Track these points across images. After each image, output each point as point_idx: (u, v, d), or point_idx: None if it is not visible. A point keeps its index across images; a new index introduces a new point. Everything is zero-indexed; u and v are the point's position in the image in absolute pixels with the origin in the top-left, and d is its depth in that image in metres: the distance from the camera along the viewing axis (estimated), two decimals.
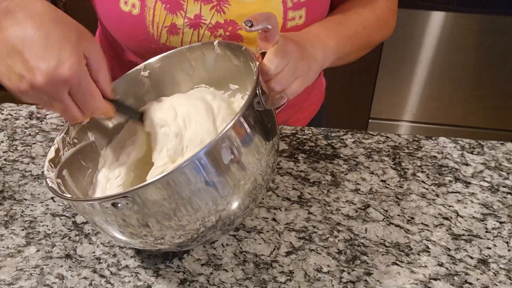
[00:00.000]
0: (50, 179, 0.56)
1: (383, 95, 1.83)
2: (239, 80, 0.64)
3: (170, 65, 0.66)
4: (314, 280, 0.59)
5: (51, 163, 0.58)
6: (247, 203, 0.54)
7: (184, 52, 0.64)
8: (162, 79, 0.66)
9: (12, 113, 0.86)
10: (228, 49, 0.62)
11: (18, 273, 0.60)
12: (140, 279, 0.59)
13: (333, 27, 0.71)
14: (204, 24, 0.70)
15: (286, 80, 0.58)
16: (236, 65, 0.62)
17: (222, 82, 0.66)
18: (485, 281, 0.59)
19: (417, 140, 0.80)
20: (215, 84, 0.66)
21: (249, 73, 0.60)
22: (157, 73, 0.66)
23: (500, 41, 1.64)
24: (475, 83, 1.75)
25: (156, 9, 0.69)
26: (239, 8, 0.69)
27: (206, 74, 0.66)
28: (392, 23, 0.80)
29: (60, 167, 0.59)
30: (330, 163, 0.75)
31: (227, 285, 0.59)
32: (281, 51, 0.57)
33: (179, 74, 0.66)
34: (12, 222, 0.67)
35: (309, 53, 0.62)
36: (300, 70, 0.59)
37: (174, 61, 0.65)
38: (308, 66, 0.61)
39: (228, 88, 0.66)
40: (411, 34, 1.66)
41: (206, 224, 0.52)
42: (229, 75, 0.65)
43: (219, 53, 0.62)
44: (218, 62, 0.64)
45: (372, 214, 0.67)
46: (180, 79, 0.67)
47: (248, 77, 0.62)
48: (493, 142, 0.80)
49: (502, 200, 0.70)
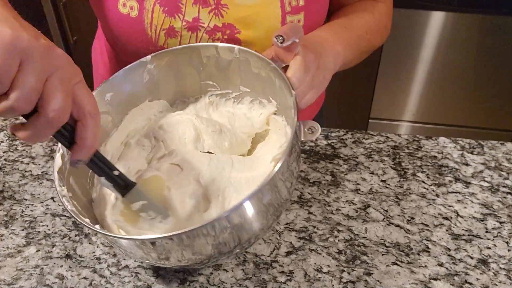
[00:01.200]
0: (65, 198, 0.53)
1: (383, 95, 1.83)
2: (250, 85, 0.65)
3: (179, 58, 0.65)
4: (314, 280, 0.59)
5: (60, 175, 0.55)
6: (271, 222, 0.55)
7: (197, 48, 0.64)
8: (167, 73, 0.66)
9: None
10: (250, 58, 0.61)
11: (18, 273, 0.60)
12: (140, 279, 0.59)
13: (339, 32, 0.71)
14: (202, 27, 0.70)
15: (304, 92, 0.58)
16: (255, 73, 0.62)
17: (232, 82, 0.66)
18: (485, 281, 0.59)
19: (417, 140, 0.80)
20: (224, 83, 0.66)
21: (267, 81, 0.60)
22: (163, 65, 0.65)
23: (500, 41, 1.63)
24: (475, 83, 1.75)
25: (155, 12, 0.69)
26: (237, 12, 0.69)
27: (216, 72, 0.66)
28: (389, 27, 0.81)
29: (67, 176, 0.57)
30: (330, 163, 0.75)
31: (227, 285, 0.59)
32: (304, 65, 0.56)
33: (187, 68, 0.66)
34: (12, 222, 0.67)
35: (324, 63, 0.62)
36: (316, 81, 0.60)
37: (184, 54, 0.65)
38: (323, 76, 0.62)
39: (237, 89, 0.66)
40: (411, 34, 1.66)
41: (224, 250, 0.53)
42: (241, 79, 0.65)
43: (238, 57, 0.62)
44: (234, 64, 0.64)
45: (372, 214, 0.67)
46: (187, 73, 0.66)
47: (264, 83, 0.62)
48: (493, 142, 0.80)
49: (502, 200, 0.70)
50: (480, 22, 1.61)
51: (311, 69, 0.58)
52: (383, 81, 1.79)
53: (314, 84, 0.59)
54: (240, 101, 0.68)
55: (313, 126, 0.55)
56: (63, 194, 0.54)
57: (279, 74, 0.57)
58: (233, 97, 0.68)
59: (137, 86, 0.66)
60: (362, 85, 1.81)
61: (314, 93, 0.60)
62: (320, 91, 0.62)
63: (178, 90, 0.69)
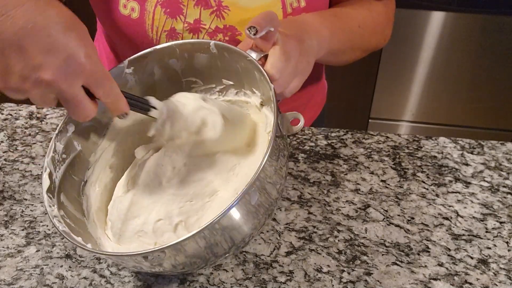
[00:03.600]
0: (57, 218, 0.53)
1: (383, 95, 1.83)
2: (232, 78, 0.64)
3: (156, 59, 0.63)
4: (314, 280, 0.59)
5: (49, 194, 0.55)
6: (263, 221, 0.55)
7: (173, 48, 0.62)
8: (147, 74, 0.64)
9: (12, 113, 0.86)
10: (227, 52, 0.60)
11: (18, 273, 0.60)
12: (140, 279, 0.59)
13: (327, 17, 0.69)
14: (203, 29, 0.70)
15: (287, 81, 0.57)
16: (235, 67, 0.62)
17: (214, 77, 0.64)
18: (485, 281, 0.59)
19: (417, 140, 0.80)
20: (206, 78, 0.65)
21: (247, 73, 0.60)
22: (141, 68, 0.64)
23: (500, 41, 1.63)
24: (475, 83, 1.75)
25: (156, 13, 0.69)
26: (239, 14, 0.69)
27: (196, 69, 0.64)
28: (388, 32, 0.79)
29: (57, 194, 0.56)
30: (330, 163, 0.75)
31: (227, 285, 0.59)
32: (283, 54, 0.55)
33: (167, 69, 0.64)
34: (12, 222, 0.67)
35: (307, 47, 0.60)
36: (299, 67, 0.58)
37: (162, 54, 0.63)
38: (307, 62, 0.60)
39: (220, 83, 0.65)
40: (411, 34, 1.66)
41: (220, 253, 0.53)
42: (222, 73, 0.63)
43: (215, 52, 0.61)
44: (212, 59, 0.62)
45: (372, 214, 0.67)
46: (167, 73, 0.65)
47: (244, 76, 0.61)
48: (493, 142, 0.80)
49: (502, 200, 0.70)
50: (480, 22, 1.61)
51: (292, 56, 0.56)
52: (383, 81, 1.79)
53: (297, 71, 0.58)
54: (225, 94, 0.66)
55: (296, 117, 0.53)
56: (54, 215, 0.53)
57: (256, 67, 0.55)
58: (218, 90, 0.66)
59: None
60: (362, 85, 1.81)
61: (298, 80, 0.59)
62: (305, 77, 0.60)
63: (161, 90, 0.66)
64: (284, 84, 0.56)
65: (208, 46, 0.60)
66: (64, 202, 0.57)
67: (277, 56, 0.55)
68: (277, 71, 0.54)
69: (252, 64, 0.56)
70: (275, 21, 0.54)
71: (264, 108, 0.62)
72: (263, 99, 0.62)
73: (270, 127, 0.59)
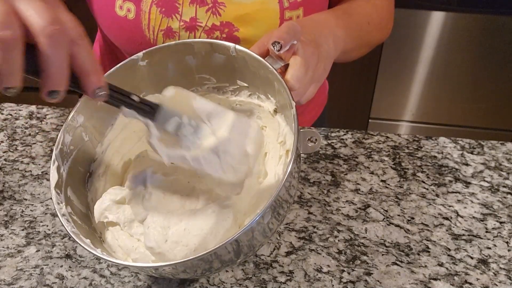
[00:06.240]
0: (65, 216, 0.53)
1: (383, 95, 1.83)
2: (248, 81, 0.63)
3: (172, 54, 0.63)
4: (314, 280, 0.59)
5: (57, 190, 0.54)
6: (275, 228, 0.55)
7: (191, 45, 0.62)
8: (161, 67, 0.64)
9: (12, 113, 0.86)
10: (247, 57, 0.59)
11: (18, 273, 0.60)
12: (140, 279, 0.59)
13: (340, 16, 0.68)
14: (200, 27, 0.70)
15: (305, 90, 0.56)
16: (253, 72, 0.60)
17: (229, 77, 0.64)
18: (485, 281, 0.59)
19: (417, 140, 0.80)
20: (220, 76, 0.64)
21: (264, 80, 0.59)
22: (155, 61, 0.63)
23: (500, 41, 1.64)
24: (475, 83, 1.75)
25: (152, 13, 0.69)
26: (235, 10, 0.69)
27: (212, 68, 0.64)
28: (390, 26, 0.79)
29: (65, 188, 0.56)
30: (330, 163, 0.75)
31: (227, 285, 0.59)
32: (303, 65, 0.54)
33: (181, 64, 0.64)
34: (12, 222, 0.67)
35: (325, 52, 0.59)
36: (316, 75, 0.58)
37: (178, 50, 0.63)
38: (324, 68, 0.59)
39: (234, 83, 0.64)
40: (411, 34, 1.66)
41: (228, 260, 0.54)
42: (238, 74, 0.63)
43: (234, 55, 0.60)
44: (229, 61, 0.61)
45: (372, 214, 0.67)
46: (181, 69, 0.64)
47: (261, 81, 0.61)
48: (493, 142, 0.80)
49: (502, 200, 0.70)
50: (480, 22, 1.61)
51: (311, 65, 0.56)
52: (383, 81, 1.79)
53: (314, 78, 0.57)
54: (238, 94, 0.65)
55: (313, 137, 0.53)
56: (62, 213, 0.53)
57: (277, 78, 0.55)
58: (231, 90, 0.65)
59: (129, 83, 0.65)
60: (362, 85, 1.81)
61: (314, 87, 0.58)
62: (321, 83, 0.60)
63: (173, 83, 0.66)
64: (301, 93, 0.56)
65: (229, 49, 0.59)
66: (71, 197, 0.57)
67: (297, 66, 0.54)
68: (297, 81, 0.53)
69: (273, 74, 0.55)
70: (298, 33, 0.53)
71: (278, 115, 0.61)
72: (277, 106, 0.62)
73: (282, 137, 0.60)
